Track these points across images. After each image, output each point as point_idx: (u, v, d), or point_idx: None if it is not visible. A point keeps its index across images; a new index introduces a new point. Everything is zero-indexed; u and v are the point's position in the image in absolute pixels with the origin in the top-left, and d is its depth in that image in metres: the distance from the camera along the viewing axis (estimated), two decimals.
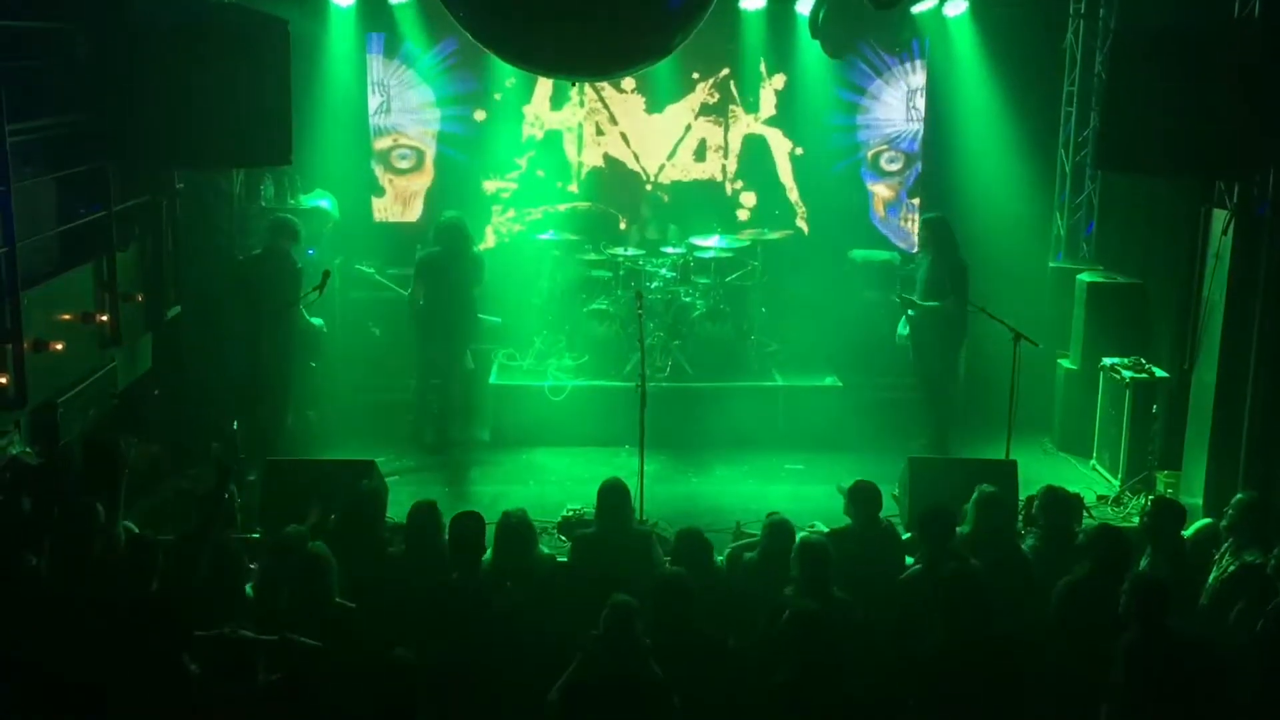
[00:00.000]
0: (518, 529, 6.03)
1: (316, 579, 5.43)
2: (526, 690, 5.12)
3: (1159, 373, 9.06)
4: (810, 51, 10.60)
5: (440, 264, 9.48)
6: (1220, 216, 8.02)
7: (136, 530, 6.23)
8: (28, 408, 6.63)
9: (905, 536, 6.80)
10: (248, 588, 5.80)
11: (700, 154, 11.52)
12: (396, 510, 6.87)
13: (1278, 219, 7.56)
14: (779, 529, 6.03)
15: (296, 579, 5.48)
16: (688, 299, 10.29)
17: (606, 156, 11.48)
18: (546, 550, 6.40)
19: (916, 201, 11.54)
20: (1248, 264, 7.78)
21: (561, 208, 11.41)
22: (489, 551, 5.98)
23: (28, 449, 6.73)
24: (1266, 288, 7.62)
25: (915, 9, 10.46)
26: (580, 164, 11.48)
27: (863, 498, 6.52)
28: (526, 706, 5.07)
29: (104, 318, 7.55)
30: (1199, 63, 7.51)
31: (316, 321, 9.14)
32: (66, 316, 7.13)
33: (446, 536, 6.06)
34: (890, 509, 7.49)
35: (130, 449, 8.03)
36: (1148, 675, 4.91)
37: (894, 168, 11.56)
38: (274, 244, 8.98)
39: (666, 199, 11.49)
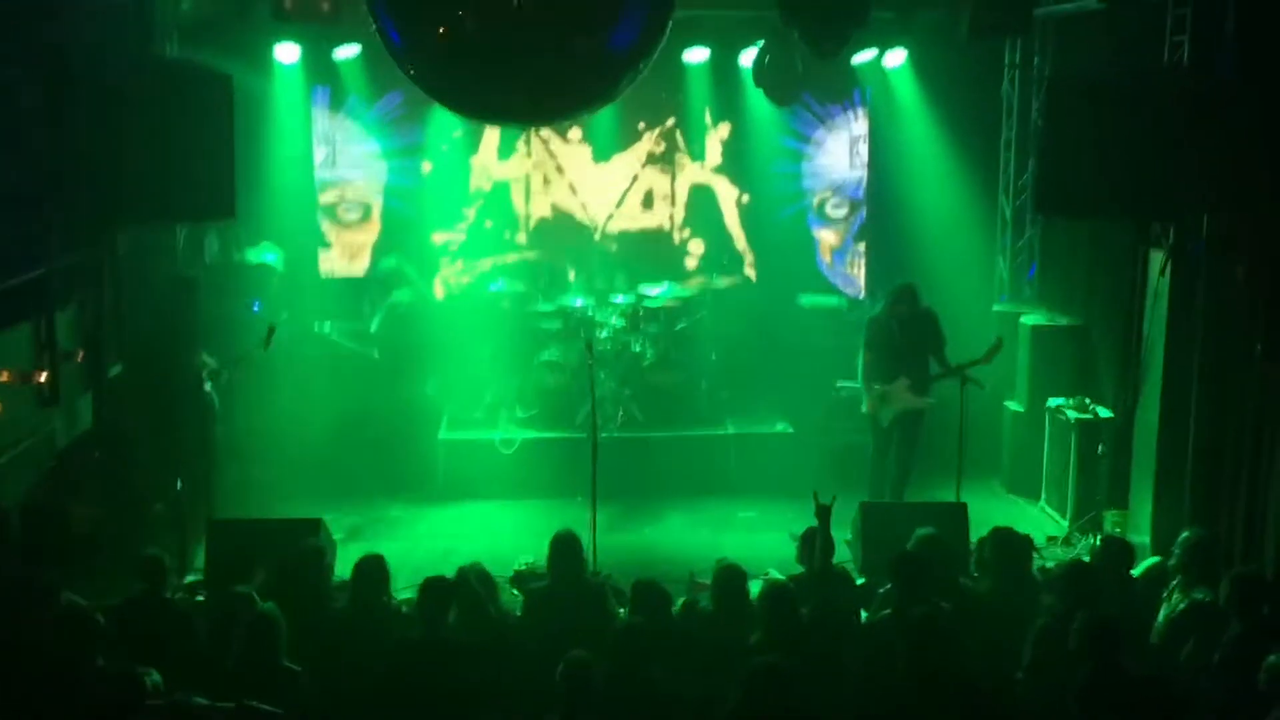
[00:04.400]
0: (477, 584, 5.96)
1: (265, 640, 5.31)
2: None
3: (1103, 413, 9.18)
4: (755, 100, 10.75)
5: (403, 311, 9.47)
6: (1158, 256, 8.18)
7: (80, 602, 6.04)
8: None
9: (860, 581, 6.79)
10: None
11: (648, 203, 11.59)
12: (344, 567, 6.75)
13: (1212, 257, 7.72)
14: (729, 574, 6.01)
15: (244, 640, 5.36)
16: (638, 348, 10.29)
17: (554, 207, 11.52)
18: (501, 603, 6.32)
19: (862, 247, 11.67)
20: (1185, 302, 7.93)
21: (510, 258, 11.42)
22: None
23: None
24: (1205, 325, 7.76)
25: (855, 59, 10.65)
26: (528, 215, 11.50)
27: (813, 545, 6.50)
28: None
29: (42, 377, 7.38)
30: (1131, 108, 7.68)
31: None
32: (4, 377, 6.97)
33: (396, 591, 5.97)
34: (843, 554, 7.49)
35: (73, 512, 7.88)
36: (1103, 713, 4.91)
37: (839, 214, 11.69)
38: (174, 303, 8.85)
39: (614, 248, 11.53)
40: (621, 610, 6.19)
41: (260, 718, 4.74)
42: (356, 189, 11.21)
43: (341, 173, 11.17)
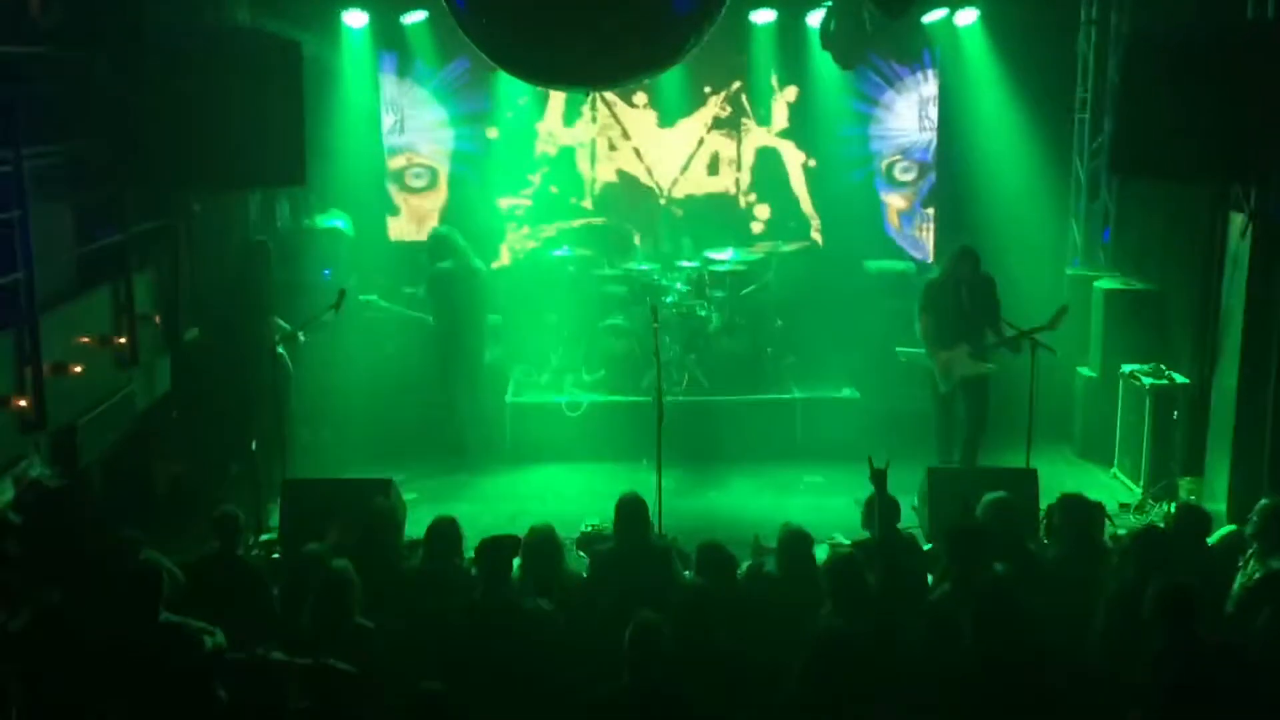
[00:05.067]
0: (545, 545, 6.01)
1: (338, 598, 5.41)
2: (551, 707, 5.10)
3: (1179, 379, 9.00)
4: (822, 63, 10.61)
5: (446, 280, 9.51)
6: (1238, 220, 7.97)
7: (158, 558, 6.21)
8: (48, 430, 6.64)
9: (926, 548, 6.75)
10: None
11: (713, 168, 11.53)
12: (415, 528, 6.86)
13: None
14: (795, 538, 6.00)
15: (318, 598, 5.46)
16: (703, 313, 10.28)
17: (620, 172, 11.51)
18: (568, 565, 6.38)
19: (931, 211, 11.51)
20: (1267, 267, 7.72)
21: (576, 224, 11.44)
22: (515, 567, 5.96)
23: (48, 471, 6.75)
24: None
25: (926, 19, 10.46)
26: (593, 180, 11.50)
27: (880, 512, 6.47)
28: None
29: (122, 340, 7.57)
30: (1213, 65, 7.45)
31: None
32: (85, 339, 7.15)
33: (466, 553, 6.04)
34: (910, 520, 7.45)
35: (155, 472, 8.10)
36: (1178, 681, 4.85)
37: (908, 178, 11.54)
38: (245, 268, 9.01)
39: (680, 213, 11.49)
40: (687, 573, 6.22)
41: (335, 675, 4.83)
42: (424, 155, 11.30)
43: (409, 139, 11.26)
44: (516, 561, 5.90)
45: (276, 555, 7.29)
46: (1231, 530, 6.77)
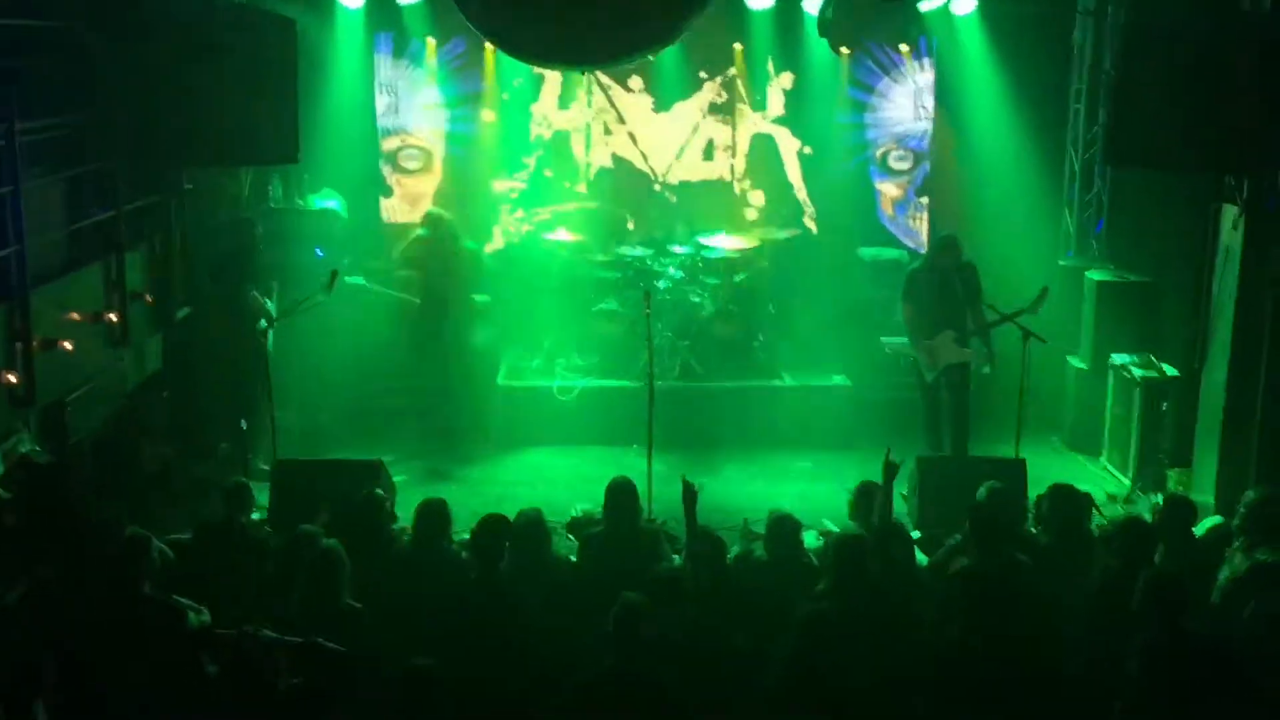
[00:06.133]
0: (533, 528, 6.02)
1: (328, 577, 5.42)
2: (537, 689, 5.11)
3: (1169, 370, 9.03)
4: (818, 50, 10.59)
5: (431, 260, 9.47)
6: (1230, 212, 7.98)
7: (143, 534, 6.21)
8: (37, 406, 6.63)
9: (916, 535, 6.77)
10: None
11: (708, 153, 11.51)
12: (404, 510, 6.86)
13: None
14: (783, 524, 6.02)
15: (308, 577, 5.46)
16: (696, 299, 10.27)
17: (614, 156, 11.47)
18: (557, 550, 6.39)
19: (925, 200, 11.51)
20: (1258, 259, 7.74)
21: (569, 208, 11.41)
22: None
23: (37, 447, 6.74)
24: (1277, 283, 7.58)
25: (923, 6, 10.44)
26: (588, 164, 11.47)
27: (867, 499, 6.50)
28: (538, 705, 5.05)
29: (113, 317, 7.55)
30: (1209, 57, 7.47)
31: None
32: (76, 316, 7.13)
33: (454, 536, 6.05)
34: (898, 508, 7.47)
35: (144, 450, 8.08)
36: (1165, 673, 4.87)
37: (903, 166, 11.53)
38: (231, 245, 8.97)
39: (674, 199, 11.47)
40: (676, 557, 6.24)
41: (325, 654, 4.84)
42: (418, 137, 11.26)
43: (403, 120, 11.21)
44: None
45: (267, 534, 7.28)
46: (1218, 522, 6.80)
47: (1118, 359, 9.35)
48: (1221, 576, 6.07)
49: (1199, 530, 6.58)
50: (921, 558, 6.43)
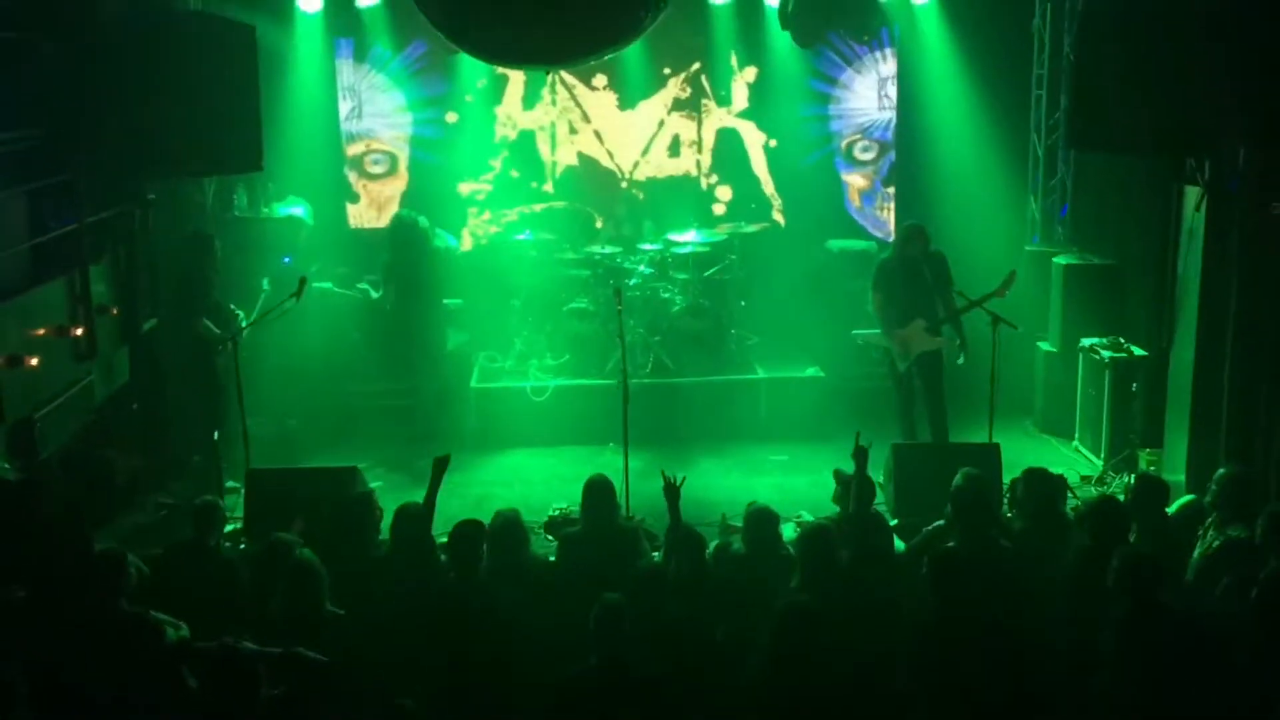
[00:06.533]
0: (511, 529, 6.01)
1: (308, 587, 5.39)
2: (519, 689, 5.10)
3: (1138, 351, 9.11)
4: (781, 43, 10.63)
5: (402, 263, 9.42)
6: (1193, 193, 8.06)
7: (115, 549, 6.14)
8: (5, 423, 6.56)
9: (893, 523, 6.80)
10: None
11: (674, 149, 11.52)
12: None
13: (1249, 193, 7.60)
14: (760, 516, 6.03)
15: (287, 587, 5.43)
16: (666, 295, 10.28)
17: (580, 155, 11.46)
18: (535, 550, 6.38)
19: (892, 190, 11.56)
20: (1221, 239, 7.82)
21: (537, 208, 11.40)
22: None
23: (5, 465, 6.66)
24: (1240, 262, 7.66)
25: None
26: (554, 163, 11.46)
27: (844, 486, 6.53)
28: (520, 706, 5.04)
29: (79, 331, 7.48)
30: (1167, 40, 7.51)
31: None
32: (41, 331, 7.06)
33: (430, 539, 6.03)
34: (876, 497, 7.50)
35: (114, 464, 8.00)
36: (1139, 649, 4.92)
37: (868, 157, 11.58)
38: (189, 261, 8.83)
39: (641, 196, 11.48)
40: (655, 554, 6.24)
41: (306, 664, 4.81)
42: (382, 141, 11.21)
43: (367, 125, 11.16)
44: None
45: (243, 545, 7.24)
46: (1190, 500, 6.86)
47: (1087, 341, 9.43)
48: (1195, 553, 6.15)
49: (1171, 509, 6.65)
50: (899, 544, 6.47)
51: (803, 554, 5.59)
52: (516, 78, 11.08)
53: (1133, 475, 8.11)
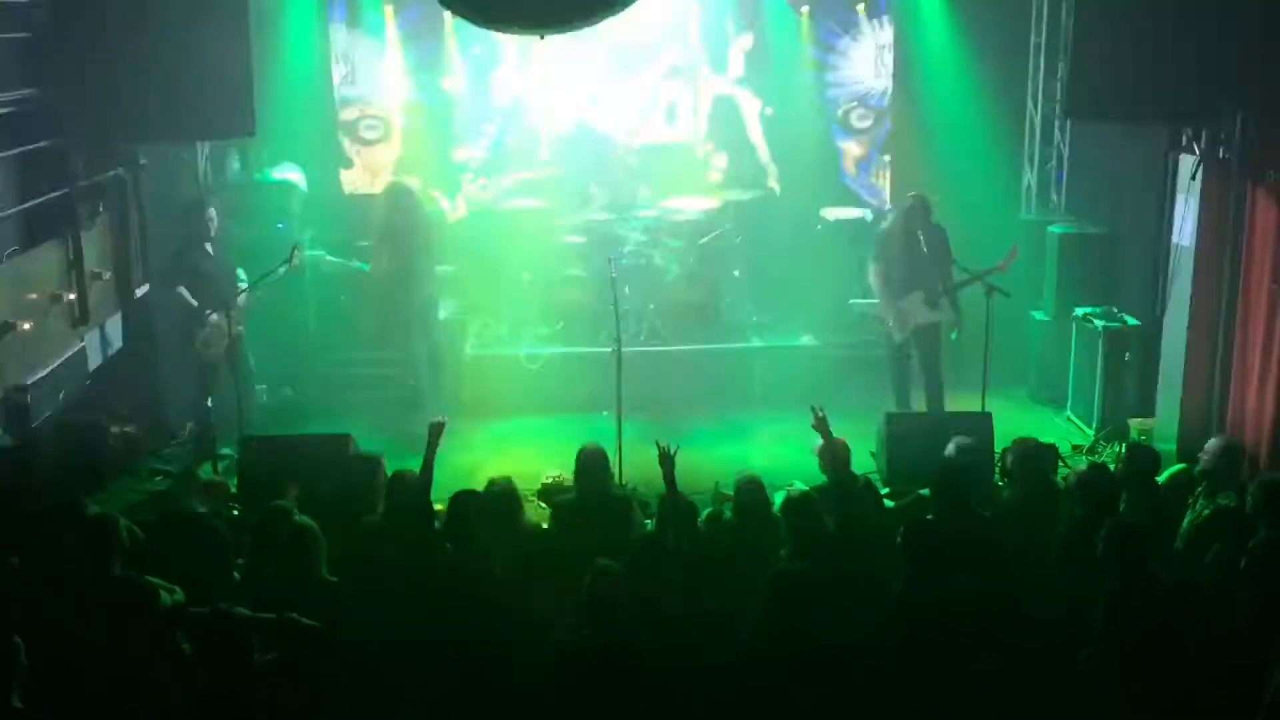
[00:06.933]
0: (505, 498, 6.02)
1: (305, 554, 5.39)
2: (515, 659, 5.13)
3: (1131, 321, 9.12)
4: (777, 10, 10.55)
5: (395, 230, 9.39)
6: (1188, 162, 8.05)
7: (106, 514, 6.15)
8: None
9: (884, 491, 6.83)
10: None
11: (670, 116, 11.45)
12: None
13: (1244, 163, 7.59)
14: (750, 485, 6.06)
15: (284, 554, 5.44)
16: (661, 263, 10.26)
17: (575, 122, 11.39)
18: (528, 517, 6.40)
19: (888, 158, 11.52)
20: (1216, 209, 7.82)
21: (532, 175, 11.33)
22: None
23: None
24: (1235, 232, 7.66)
25: None
26: (549, 130, 11.38)
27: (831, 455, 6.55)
28: (517, 675, 5.07)
29: (72, 297, 7.46)
30: (1164, 8, 7.51)
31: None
32: (33, 296, 7.05)
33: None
34: (868, 465, 7.53)
35: (108, 431, 8.00)
36: (1129, 619, 4.96)
37: (864, 125, 11.52)
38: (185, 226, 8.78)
39: (636, 163, 11.42)
40: (648, 522, 6.26)
41: (300, 630, 4.83)
42: (376, 107, 11.13)
43: (361, 90, 11.07)
44: None
45: (236, 512, 7.25)
46: (1181, 469, 6.90)
47: (1080, 311, 9.43)
48: (1185, 522, 6.19)
49: (1162, 478, 6.68)
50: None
51: (789, 524, 5.62)
52: (510, 43, 10.99)
53: (1124, 445, 8.15)
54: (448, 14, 9.94)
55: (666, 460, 5.96)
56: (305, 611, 4.94)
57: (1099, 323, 9.17)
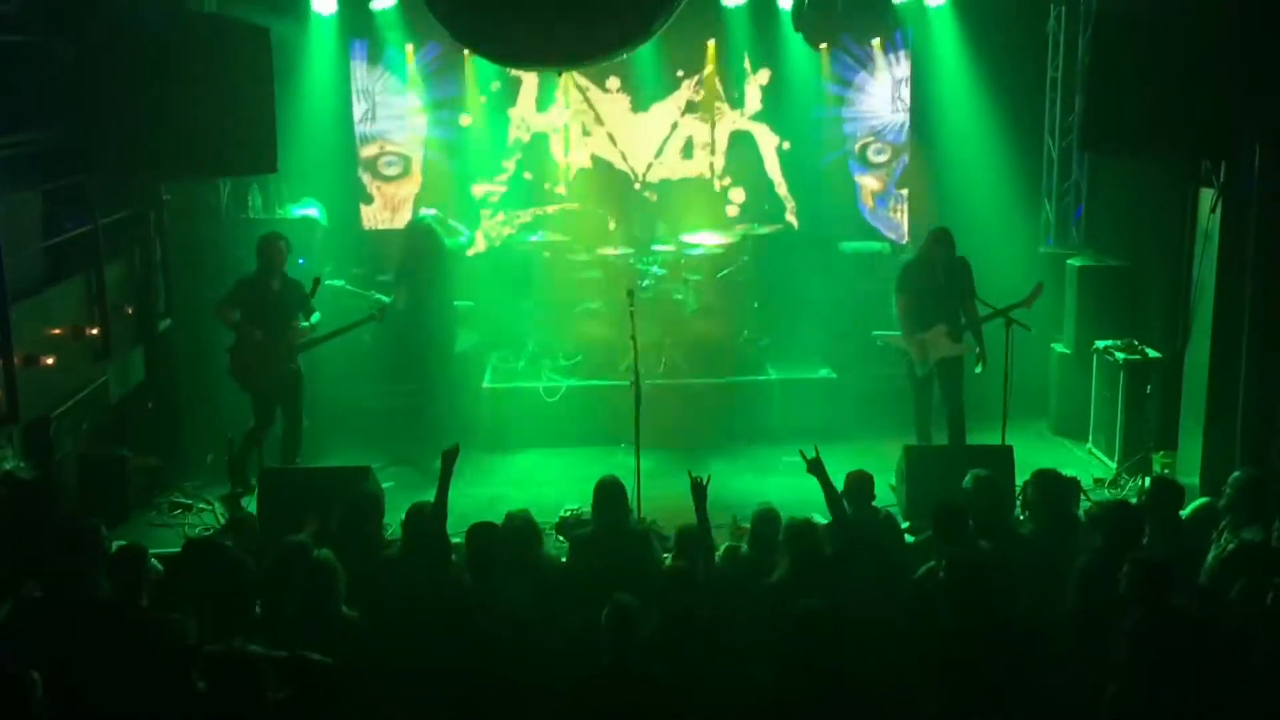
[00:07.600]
0: (523, 531, 6.01)
1: (323, 588, 5.39)
2: (531, 691, 5.10)
3: (1152, 354, 9.07)
4: (794, 45, 10.62)
5: (415, 265, 9.43)
6: (1208, 195, 8.03)
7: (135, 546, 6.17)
8: (20, 423, 6.60)
9: (905, 525, 6.78)
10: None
11: (688, 151, 11.51)
12: (393, 515, 6.84)
13: (1265, 194, 7.56)
14: (768, 520, 6.03)
15: (303, 588, 5.43)
16: (679, 296, 10.28)
17: (594, 157, 11.47)
18: (547, 551, 6.38)
19: (905, 192, 11.54)
20: (1237, 241, 7.79)
21: (550, 209, 11.39)
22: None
23: (21, 464, 6.70)
24: (1256, 264, 7.63)
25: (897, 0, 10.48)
26: (568, 165, 11.46)
27: (855, 488, 6.52)
28: (533, 708, 5.04)
29: (94, 331, 7.52)
30: (1181, 41, 7.50)
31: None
32: (57, 331, 7.10)
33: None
34: (888, 499, 7.48)
35: (130, 463, 8.04)
36: (1153, 654, 4.90)
37: (881, 159, 11.56)
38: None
39: (655, 197, 11.48)
40: (666, 556, 6.23)
41: (312, 667, 4.82)
42: (396, 143, 11.23)
43: (381, 127, 11.18)
44: None
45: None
46: (1205, 503, 6.83)
47: (1101, 343, 9.39)
48: (1209, 557, 6.12)
49: (1185, 512, 6.61)
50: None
51: (789, 547, 5.62)
52: (530, 80, 11.10)
53: (1147, 478, 8.09)
54: (467, 51, 10.08)
55: (699, 490, 5.92)
56: (324, 646, 4.93)
57: (1120, 355, 9.12)
